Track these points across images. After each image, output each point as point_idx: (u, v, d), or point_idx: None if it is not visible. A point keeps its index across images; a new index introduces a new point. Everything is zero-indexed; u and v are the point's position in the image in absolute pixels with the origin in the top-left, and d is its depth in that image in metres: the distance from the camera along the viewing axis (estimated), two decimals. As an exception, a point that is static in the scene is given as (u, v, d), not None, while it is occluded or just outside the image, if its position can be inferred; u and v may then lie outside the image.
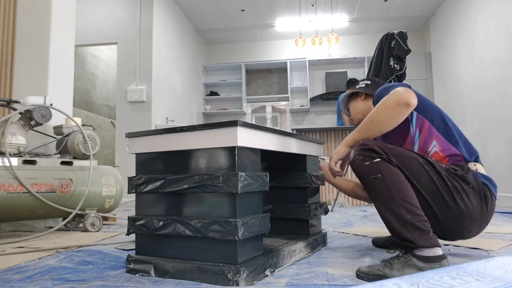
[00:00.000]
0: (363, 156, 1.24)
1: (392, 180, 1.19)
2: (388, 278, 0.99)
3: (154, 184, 1.27)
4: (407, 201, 1.15)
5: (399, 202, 1.15)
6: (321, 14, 6.39)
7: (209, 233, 1.13)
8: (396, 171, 1.21)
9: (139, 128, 4.73)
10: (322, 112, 7.27)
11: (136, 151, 1.36)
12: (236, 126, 1.14)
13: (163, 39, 5.38)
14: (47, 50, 2.84)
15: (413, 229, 1.13)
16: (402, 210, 1.14)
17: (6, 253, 1.65)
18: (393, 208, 1.16)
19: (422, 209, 1.18)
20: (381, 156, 1.22)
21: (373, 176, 1.21)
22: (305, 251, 1.52)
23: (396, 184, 1.18)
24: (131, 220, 1.31)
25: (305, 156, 1.67)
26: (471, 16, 4.98)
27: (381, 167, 1.21)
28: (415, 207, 1.15)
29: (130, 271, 1.26)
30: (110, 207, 2.58)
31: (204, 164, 1.21)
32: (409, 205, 1.15)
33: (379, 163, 1.21)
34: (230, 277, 1.08)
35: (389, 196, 1.17)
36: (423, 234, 1.12)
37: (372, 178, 1.21)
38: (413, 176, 1.22)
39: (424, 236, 1.12)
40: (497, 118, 4.28)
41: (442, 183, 1.22)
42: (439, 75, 6.12)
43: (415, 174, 1.22)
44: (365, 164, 1.23)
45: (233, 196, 1.13)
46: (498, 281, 0.64)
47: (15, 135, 2.29)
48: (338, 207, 4.00)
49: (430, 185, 1.22)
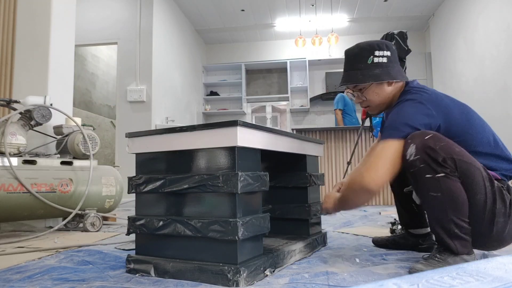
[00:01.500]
0: (425, 164, 1.15)
1: (450, 200, 1.15)
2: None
3: (154, 184, 1.27)
4: (459, 217, 1.16)
5: (451, 219, 1.16)
6: (321, 14, 6.38)
7: (209, 233, 1.13)
8: (457, 189, 1.15)
9: (139, 128, 4.73)
10: (322, 112, 7.28)
11: (136, 151, 1.36)
12: (236, 126, 1.14)
13: (163, 39, 5.38)
14: (47, 50, 2.84)
15: (457, 240, 1.18)
16: (451, 226, 1.17)
17: (6, 253, 1.65)
18: (443, 223, 1.18)
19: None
20: (446, 170, 1.14)
21: (432, 193, 1.17)
22: (305, 251, 1.52)
23: (453, 204, 1.15)
24: (131, 220, 1.31)
25: (305, 156, 1.67)
26: (471, 16, 4.97)
27: (443, 184, 1.14)
28: (464, 221, 1.17)
29: (130, 271, 1.26)
30: (110, 207, 2.58)
31: (204, 164, 1.21)
32: (459, 220, 1.16)
33: (441, 179, 1.14)
34: (230, 277, 1.08)
35: (442, 214, 1.17)
36: (465, 244, 1.18)
37: (430, 194, 1.17)
38: (471, 191, 1.17)
39: (466, 247, 1.18)
40: (497, 118, 4.28)
41: (491, 206, 1.18)
42: (439, 75, 6.12)
43: (473, 189, 1.17)
44: (425, 177, 1.16)
45: (233, 196, 1.13)
46: (498, 281, 0.64)
47: (15, 135, 2.29)
48: (338, 207, 3.99)
49: (480, 204, 1.18)
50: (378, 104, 1.40)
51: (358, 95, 1.41)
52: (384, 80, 1.33)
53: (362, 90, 1.38)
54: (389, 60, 1.34)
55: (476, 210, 1.18)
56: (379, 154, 1.22)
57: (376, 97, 1.38)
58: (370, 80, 1.33)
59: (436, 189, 1.16)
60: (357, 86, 1.39)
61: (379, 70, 1.33)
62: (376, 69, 1.33)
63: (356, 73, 1.35)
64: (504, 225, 1.20)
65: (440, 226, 1.19)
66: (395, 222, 1.96)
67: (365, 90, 1.38)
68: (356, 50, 1.37)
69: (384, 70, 1.33)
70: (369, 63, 1.34)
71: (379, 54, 1.34)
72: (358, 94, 1.41)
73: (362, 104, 1.43)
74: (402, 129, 1.22)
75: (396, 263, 1.33)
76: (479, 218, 1.19)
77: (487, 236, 1.22)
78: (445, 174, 1.14)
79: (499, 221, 1.19)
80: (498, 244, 1.27)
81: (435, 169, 1.14)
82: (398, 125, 1.23)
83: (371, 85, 1.36)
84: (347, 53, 1.40)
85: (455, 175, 1.15)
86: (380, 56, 1.34)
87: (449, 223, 1.17)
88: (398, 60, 1.39)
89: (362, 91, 1.39)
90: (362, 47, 1.36)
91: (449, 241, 1.18)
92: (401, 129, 1.22)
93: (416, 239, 1.57)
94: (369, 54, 1.34)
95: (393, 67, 1.35)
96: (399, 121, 1.24)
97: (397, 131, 1.22)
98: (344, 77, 1.39)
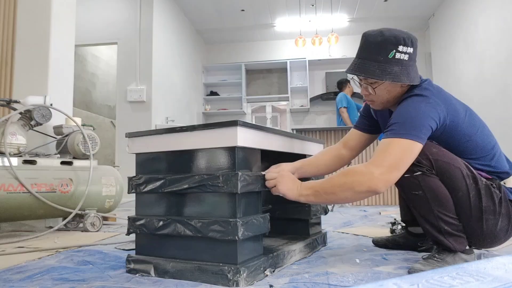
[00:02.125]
0: None
1: (432, 196, 1.18)
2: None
3: (154, 184, 1.27)
4: (445, 213, 1.19)
5: (437, 216, 1.19)
6: (321, 14, 6.38)
7: (209, 233, 1.13)
8: (437, 186, 1.18)
9: (139, 128, 4.73)
10: (322, 112, 7.28)
11: (136, 151, 1.36)
12: (236, 126, 1.14)
13: (163, 39, 5.38)
14: (47, 50, 2.84)
15: (450, 237, 1.19)
16: (440, 222, 1.19)
17: (6, 253, 1.65)
18: (431, 220, 1.20)
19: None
20: (422, 169, 1.17)
21: (413, 191, 1.20)
22: (305, 251, 1.52)
23: (436, 200, 1.19)
24: (131, 220, 1.31)
25: (305, 156, 1.67)
26: (471, 16, 4.97)
27: (422, 182, 1.18)
28: (452, 218, 1.20)
29: (130, 271, 1.26)
30: (110, 207, 2.58)
31: (204, 164, 1.21)
32: (447, 217, 1.19)
33: (419, 177, 1.18)
34: (230, 277, 1.08)
35: (428, 211, 1.20)
36: (460, 241, 1.20)
37: (412, 193, 1.21)
38: (451, 188, 1.19)
39: (461, 243, 1.20)
40: (497, 118, 4.28)
41: (476, 202, 1.19)
42: (439, 75, 6.12)
43: (453, 186, 1.19)
44: (404, 176, 1.17)
45: (233, 196, 1.13)
46: (498, 281, 0.64)
47: (15, 135, 2.29)
48: (338, 207, 4.00)
49: (464, 201, 1.19)
50: (385, 101, 1.31)
51: (367, 87, 1.29)
52: (402, 82, 1.21)
53: (374, 84, 1.26)
54: (410, 58, 1.23)
55: (461, 208, 1.20)
56: (393, 153, 1.12)
57: (386, 94, 1.28)
58: (388, 79, 1.21)
59: (417, 187, 1.19)
60: (370, 79, 1.26)
61: (398, 68, 1.21)
62: (396, 66, 1.21)
63: (374, 65, 1.21)
64: (495, 222, 1.21)
65: (429, 224, 1.21)
66: (395, 222, 1.97)
67: (377, 86, 1.26)
68: (379, 39, 1.22)
69: (403, 70, 1.21)
70: (390, 58, 1.20)
71: (402, 50, 1.21)
72: (367, 86, 1.29)
73: (368, 98, 1.32)
74: (419, 129, 1.14)
75: (396, 263, 1.33)
76: (466, 215, 1.21)
77: (479, 234, 1.23)
78: (422, 172, 1.17)
79: (488, 219, 1.20)
80: (492, 242, 1.27)
81: (411, 169, 1.16)
82: (413, 125, 1.14)
83: (385, 82, 1.25)
84: (368, 38, 1.25)
85: (433, 173, 1.18)
86: (403, 52, 1.21)
87: (437, 220, 1.19)
88: (416, 59, 1.29)
89: (373, 85, 1.27)
90: (386, 37, 1.21)
91: (442, 238, 1.20)
92: (417, 129, 1.14)
93: (416, 239, 1.57)
94: (393, 47, 1.20)
95: (413, 67, 1.24)
96: (413, 121, 1.15)
97: (413, 131, 1.14)
98: (358, 65, 1.25)
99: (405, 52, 1.22)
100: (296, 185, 1.26)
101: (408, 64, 1.23)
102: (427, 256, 1.23)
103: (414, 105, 1.19)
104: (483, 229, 1.21)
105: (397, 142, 1.14)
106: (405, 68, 1.22)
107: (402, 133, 1.14)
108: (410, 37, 1.24)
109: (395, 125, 1.17)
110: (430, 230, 1.22)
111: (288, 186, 1.25)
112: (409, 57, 1.23)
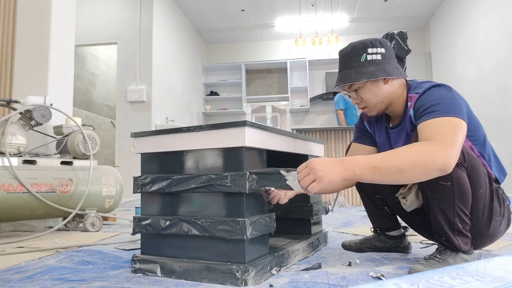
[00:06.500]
0: None
1: (458, 190, 1.13)
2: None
3: (161, 184, 1.27)
4: (463, 210, 1.16)
5: (456, 212, 1.15)
6: (321, 14, 6.39)
7: (217, 232, 1.14)
8: (464, 180, 1.13)
9: (139, 128, 4.73)
10: (322, 112, 7.28)
11: (142, 151, 1.36)
12: (244, 127, 1.14)
13: (163, 39, 5.38)
14: (47, 50, 2.84)
15: (459, 236, 1.17)
16: (456, 219, 1.16)
17: (6, 253, 1.65)
18: (449, 216, 1.16)
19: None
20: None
21: (442, 182, 1.13)
22: (307, 250, 1.53)
23: (460, 195, 1.14)
24: (136, 220, 1.30)
25: (307, 156, 1.67)
26: (471, 16, 4.98)
27: (453, 173, 1.10)
28: (467, 216, 1.17)
29: (136, 270, 1.26)
30: (110, 207, 2.58)
31: (212, 164, 1.21)
32: (463, 214, 1.16)
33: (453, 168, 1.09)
34: (238, 276, 1.08)
35: (450, 204, 1.15)
36: (467, 242, 1.18)
37: (440, 183, 1.13)
38: (474, 185, 1.16)
39: (467, 244, 1.19)
40: (497, 118, 4.28)
41: (489, 202, 1.19)
42: (439, 75, 6.12)
43: (477, 184, 1.17)
44: None
45: (241, 196, 1.14)
46: (498, 281, 0.64)
47: (15, 135, 2.29)
48: (338, 207, 4.00)
49: (481, 200, 1.19)
50: (375, 104, 1.31)
51: (354, 95, 1.32)
52: (379, 77, 1.24)
53: (358, 90, 1.30)
54: (384, 57, 1.26)
55: (476, 206, 1.19)
56: (451, 132, 1.05)
57: (373, 96, 1.29)
58: (364, 78, 1.24)
59: (447, 178, 1.12)
60: (352, 86, 1.30)
61: (373, 68, 1.25)
62: (371, 66, 1.25)
63: (350, 72, 1.27)
64: (499, 224, 1.23)
65: (445, 219, 1.17)
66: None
67: (360, 90, 1.29)
68: (349, 49, 1.30)
69: (378, 67, 1.25)
70: (362, 61, 1.26)
71: (372, 52, 1.26)
72: (353, 94, 1.32)
73: (359, 105, 1.35)
74: (460, 108, 1.11)
75: (396, 263, 1.33)
76: (479, 214, 1.20)
77: (483, 234, 1.23)
78: (456, 164, 1.09)
79: (496, 220, 1.21)
80: (490, 242, 1.29)
81: None
82: (454, 104, 1.12)
83: (366, 84, 1.27)
84: (340, 53, 1.34)
85: (464, 166, 1.14)
86: (373, 54, 1.26)
87: (454, 216, 1.16)
88: (395, 57, 1.31)
89: (357, 91, 1.30)
90: (354, 45, 1.30)
91: (452, 236, 1.17)
92: (459, 107, 1.12)
93: (395, 241, 1.55)
94: (362, 51, 1.27)
95: (389, 64, 1.27)
96: (453, 101, 1.13)
97: (457, 110, 1.11)
98: (338, 78, 1.32)
99: (376, 52, 1.27)
100: (335, 162, 1.07)
101: (383, 62, 1.27)
102: (429, 257, 1.23)
103: (441, 91, 1.18)
104: (489, 229, 1.21)
105: (449, 120, 1.08)
106: (381, 66, 1.26)
107: (450, 112, 1.10)
108: (376, 39, 1.30)
109: (434, 107, 1.13)
110: (443, 226, 1.17)
111: (329, 169, 1.05)
112: (382, 56, 1.27)
